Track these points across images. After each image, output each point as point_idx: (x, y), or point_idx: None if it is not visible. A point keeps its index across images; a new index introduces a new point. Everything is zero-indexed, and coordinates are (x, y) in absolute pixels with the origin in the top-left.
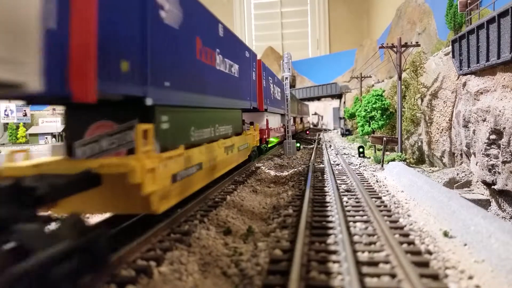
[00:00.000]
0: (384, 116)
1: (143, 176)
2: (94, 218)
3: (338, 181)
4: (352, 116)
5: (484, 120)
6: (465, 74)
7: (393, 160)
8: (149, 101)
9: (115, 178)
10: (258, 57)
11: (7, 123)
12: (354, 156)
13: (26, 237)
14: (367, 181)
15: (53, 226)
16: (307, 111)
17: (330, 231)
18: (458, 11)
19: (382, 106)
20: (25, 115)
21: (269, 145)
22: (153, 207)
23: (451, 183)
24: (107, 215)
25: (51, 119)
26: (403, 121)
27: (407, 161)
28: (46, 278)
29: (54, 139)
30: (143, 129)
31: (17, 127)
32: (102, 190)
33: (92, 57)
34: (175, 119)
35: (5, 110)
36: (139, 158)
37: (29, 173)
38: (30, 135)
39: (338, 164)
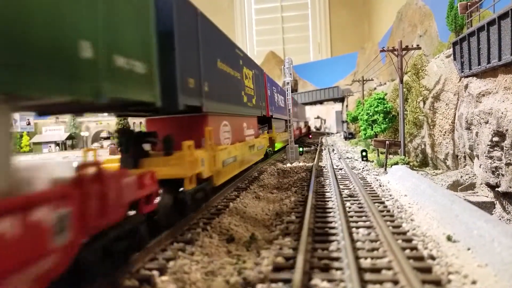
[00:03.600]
0: (387, 120)
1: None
2: None
3: (341, 186)
4: (354, 119)
5: (486, 122)
6: (467, 76)
7: (396, 163)
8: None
9: None
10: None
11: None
12: (357, 160)
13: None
14: (370, 185)
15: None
16: (303, 115)
17: (333, 238)
18: (459, 13)
19: (384, 109)
20: (29, 124)
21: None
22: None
23: (455, 186)
24: None
25: (54, 128)
26: (406, 124)
27: (411, 164)
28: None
29: (57, 147)
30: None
31: (21, 136)
32: None
33: None
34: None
35: None
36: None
37: None
38: (34, 144)
39: (341, 169)
